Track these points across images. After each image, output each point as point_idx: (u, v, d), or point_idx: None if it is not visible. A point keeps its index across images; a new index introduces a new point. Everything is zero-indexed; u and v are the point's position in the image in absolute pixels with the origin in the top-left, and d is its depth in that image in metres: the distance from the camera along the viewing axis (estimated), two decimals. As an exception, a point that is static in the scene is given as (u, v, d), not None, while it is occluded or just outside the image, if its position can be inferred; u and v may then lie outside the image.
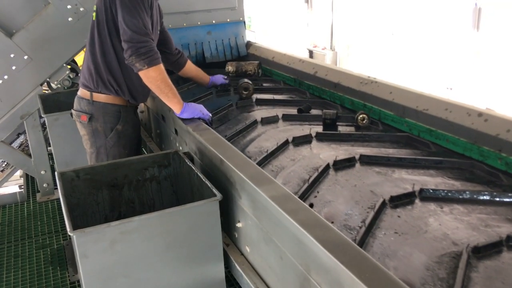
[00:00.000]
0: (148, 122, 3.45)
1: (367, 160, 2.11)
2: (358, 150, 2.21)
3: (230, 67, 3.58)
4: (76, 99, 2.56)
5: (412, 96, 2.45)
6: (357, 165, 2.09)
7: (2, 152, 3.67)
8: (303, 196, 1.83)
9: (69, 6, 3.46)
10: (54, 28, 3.47)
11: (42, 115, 3.25)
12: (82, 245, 1.56)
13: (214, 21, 3.94)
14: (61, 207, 3.66)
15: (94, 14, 2.41)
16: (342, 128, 2.56)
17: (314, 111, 2.82)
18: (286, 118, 2.71)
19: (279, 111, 2.80)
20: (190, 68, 3.00)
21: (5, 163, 4.01)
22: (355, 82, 2.82)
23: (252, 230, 1.77)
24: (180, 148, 2.55)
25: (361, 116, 2.54)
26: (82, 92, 2.51)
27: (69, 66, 3.75)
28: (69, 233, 1.55)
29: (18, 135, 3.94)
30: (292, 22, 8.99)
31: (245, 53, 4.06)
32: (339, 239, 1.30)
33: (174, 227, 1.71)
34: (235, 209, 1.88)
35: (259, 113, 2.82)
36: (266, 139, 2.41)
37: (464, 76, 5.48)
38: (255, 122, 2.65)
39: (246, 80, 3.08)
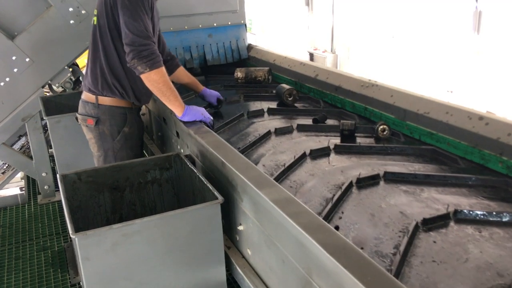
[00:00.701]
0: (149, 125, 3.45)
1: (392, 178, 1.98)
2: (381, 166, 2.09)
3: (239, 73, 3.50)
4: (80, 103, 2.56)
5: (413, 99, 2.46)
6: (382, 182, 1.96)
7: (3, 154, 3.68)
8: (328, 217, 1.71)
9: (70, 9, 3.47)
10: (55, 31, 3.48)
11: (44, 118, 3.25)
12: (84, 247, 1.56)
13: (215, 24, 3.95)
14: (62, 209, 3.68)
15: (94, 18, 2.41)
16: (362, 140, 2.43)
17: (329, 121, 2.74)
18: (301, 128, 2.61)
19: (292, 121, 2.71)
20: (181, 74, 2.92)
21: (6, 165, 4.02)
22: (356, 85, 2.82)
23: (253, 233, 1.77)
24: (182, 150, 2.55)
25: (381, 127, 2.42)
26: (87, 96, 2.52)
27: (70, 69, 3.76)
28: (71, 235, 1.55)
29: (19, 137, 3.95)
30: (292, 24, 9.01)
31: (246, 56, 4.07)
32: (341, 242, 1.30)
33: (175, 229, 1.71)
34: (236, 212, 1.88)
35: (272, 123, 2.73)
36: (282, 151, 2.31)
37: (465, 79, 5.49)
38: (268, 133, 2.54)
39: (288, 86, 3.01)
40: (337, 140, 2.43)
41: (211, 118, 2.49)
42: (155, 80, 2.28)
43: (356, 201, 1.83)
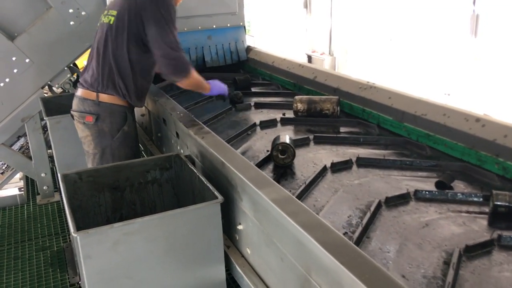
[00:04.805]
0: (149, 125, 3.47)
1: None
2: None
3: (299, 105, 2.81)
4: (77, 100, 2.55)
5: (411, 101, 2.48)
6: None
7: (3, 155, 3.69)
8: None
9: (70, 10, 3.49)
10: (55, 32, 3.49)
11: (44, 118, 3.27)
12: (85, 246, 1.58)
13: (214, 26, 3.97)
14: (61, 210, 3.70)
15: (111, 18, 2.45)
16: None
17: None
18: (421, 196, 1.88)
19: (401, 179, 2.00)
20: None
21: (6, 166, 4.03)
22: (354, 87, 2.85)
23: (253, 232, 1.79)
24: (182, 151, 2.57)
25: None
26: (85, 93, 2.52)
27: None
28: (73, 234, 1.57)
29: (18, 137, 3.96)
30: (291, 27, 9.04)
31: (245, 58, 4.10)
32: (340, 240, 1.32)
33: (176, 229, 1.73)
34: (236, 212, 1.90)
35: (374, 183, 2.03)
36: (415, 243, 1.59)
37: (462, 82, 5.52)
38: (379, 206, 1.81)
39: (283, 139, 2.21)
40: (481, 220, 1.71)
41: (227, 89, 2.81)
42: (188, 84, 2.56)
43: None
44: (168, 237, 1.72)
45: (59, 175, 2.03)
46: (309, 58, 8.43)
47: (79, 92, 2.56)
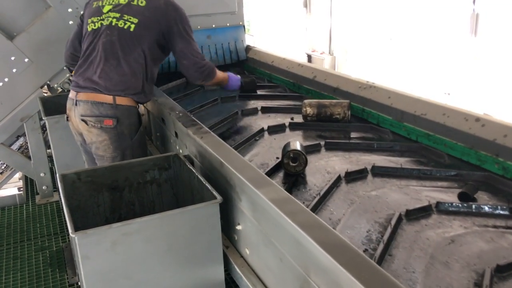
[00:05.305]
0: (148, 125, 3.46)
1: None
2: None
3: (309, 109, 2.72)
4: (89, 105, 2.45)
5: (411, 101, 2.48)
6: None
7: (2, 154, 3.68)
8: None
9: (70, 10, 3.48)
10: (55, 31, 3.48)
11: (43, 118, 3.26)
12: (84, 246, 1.58)
13: (214, 25, 3.96)
14: (60, 210, 3.69)
15: (132, 25, 2.50)
16: None
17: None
18: (443, 209, 1.76)
19: (418, 190, 1.91)
20: None
21: (5, 165, 4.02)
22: (354, 86, 2.84)
23: (251, 232, 1.78)
24: (181, 151, 2.57)
25: None
26: (99, 97, 2.45)
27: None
28: (71, 235, 1.56)
29: (17, 137, 3.95)
30: (291, 26, 9.03)
31: (245, 57, 4.09)
32: (338, 241, 1.32)
33: (174, 229, 1.72)
34: (235, 212, 1.90)
35: (391, 195, 1.90)
36: (444, 261, 1.47)
37: (462, 81, 5.51)
38: (399, 220, 1.70)
39: (294, 146, 2.11)
40: (510, 235, 1.59)
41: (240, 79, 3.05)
42: (212, 83, 2.84)
43: None
44: (167, 238, 1.72)
45: (57, 175, 2.03)
46: (309, 58, 8.42)
47: (87, 96, 2.47)
